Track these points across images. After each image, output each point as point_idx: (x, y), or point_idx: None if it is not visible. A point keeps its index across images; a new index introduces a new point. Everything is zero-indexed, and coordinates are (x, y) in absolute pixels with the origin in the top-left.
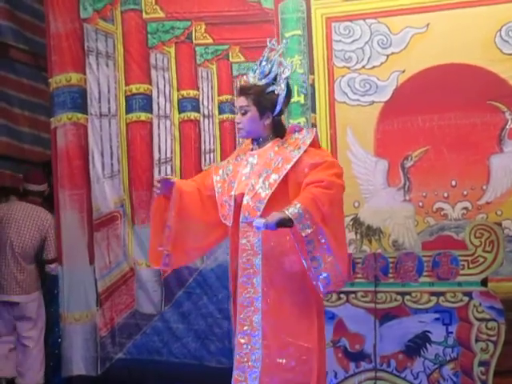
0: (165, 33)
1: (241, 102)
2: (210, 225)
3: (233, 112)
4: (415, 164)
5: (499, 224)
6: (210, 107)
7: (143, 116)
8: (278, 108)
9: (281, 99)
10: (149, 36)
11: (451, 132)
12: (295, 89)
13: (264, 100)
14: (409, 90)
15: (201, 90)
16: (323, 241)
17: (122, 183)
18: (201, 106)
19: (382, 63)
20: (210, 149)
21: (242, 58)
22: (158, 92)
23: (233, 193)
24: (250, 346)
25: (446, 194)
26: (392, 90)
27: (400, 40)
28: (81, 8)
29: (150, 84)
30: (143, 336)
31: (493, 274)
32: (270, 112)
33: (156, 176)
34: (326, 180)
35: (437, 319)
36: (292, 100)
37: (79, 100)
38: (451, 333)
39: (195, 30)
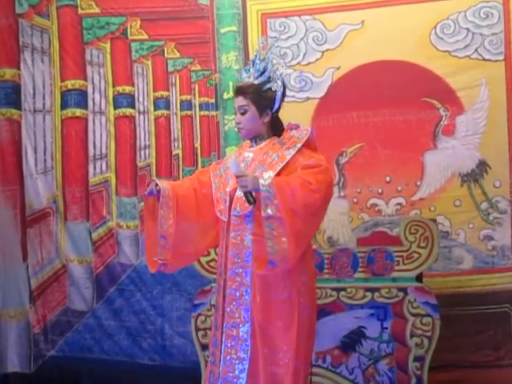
0: (100, 28)
1: (239, 102)
2: (206, 226)
3: (168, 108)
4: (350, 160)
5: (434, 220)
6: (145, 103)
7: (78, 112)
8: (277, 105)
9: (279, 96)
10: (84, 32)
11: (386, 128)
12: (230, 85)
13: (262, 98)
14: (344, 87)
15: (136, 86)
16: (283, 237)
17: (54, 179)
18: (136, 102)
19: (317, 60)
20: (145, 145)
21: (178, 54)
22: (94, 88)
23: (228, 189)
24: (238, 339)
25: (380, 190)
26: (327, 87)
27: (335, 36)
28: (16, 3)
29: (86, 80)
30: (75, 333)
31: (427, 270)
32: (268, 109)
33: (91, 172)
34: (314, 184)
35: (372, 315)
36: (227, 96)
37: (13, 96)
38: (386, 328)
39: (130, 26)
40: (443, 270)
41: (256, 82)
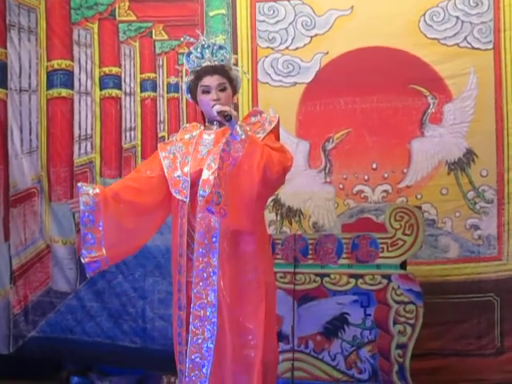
0: (88, 9)
1: (218, 79)
2: (150, 215)
3: (154, 90)
4: (336, 146)
5: (419, 207)
6: (131, 85)
7: (64, 92)
8: (237, 90)
9: (240, 82)
10: (72, 12)
11: (373, 115)
12: None
13: (234, 81)
14: (332, 72)
15: (123, 67)
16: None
17: (39, 159)
18: (122, 84)
19: (305, 44)
20: (130, 126)
21: (166, 36)
22: (80, 68)
23: (187, 168)
24: (205, 319)
25: (366, 177)
26: (315, 72)
27: (324, 22)
28: None
29: (72, 60)
30: (57, 314)
31: (412, 257)
32: (235, 93)
33: (76, 152)
34: (276, 159)
35: (355, 301)
36: None
37: None
38: (369, 315)
39: (119, 7)
40: (429, 258)
41: (228, 65)
